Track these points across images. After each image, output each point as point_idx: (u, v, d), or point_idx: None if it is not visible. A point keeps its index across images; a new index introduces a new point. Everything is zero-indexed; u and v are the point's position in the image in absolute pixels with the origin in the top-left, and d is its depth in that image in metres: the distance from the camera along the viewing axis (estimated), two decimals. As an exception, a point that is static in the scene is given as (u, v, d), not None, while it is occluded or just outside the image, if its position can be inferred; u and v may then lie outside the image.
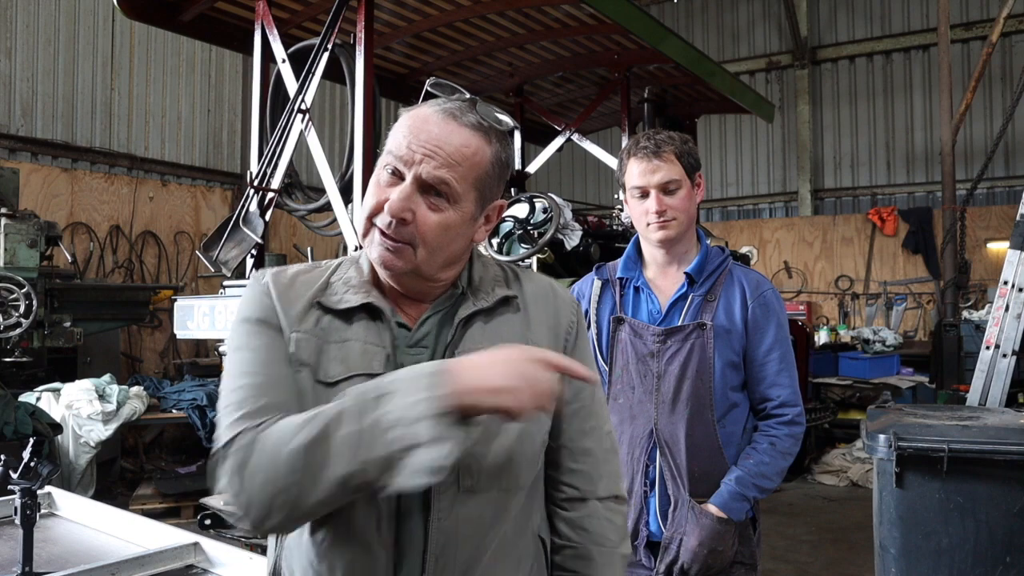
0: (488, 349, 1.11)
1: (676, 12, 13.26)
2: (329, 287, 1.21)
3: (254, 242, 4.17)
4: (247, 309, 1.21)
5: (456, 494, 1.14)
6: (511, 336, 1.23)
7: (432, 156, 1.13)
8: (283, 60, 4.27)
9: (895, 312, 10.91)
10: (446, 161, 1.13)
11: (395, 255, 1.14)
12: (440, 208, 1.14)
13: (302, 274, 1.24)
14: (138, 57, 8.99)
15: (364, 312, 1.18)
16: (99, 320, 6.61)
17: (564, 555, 1.29)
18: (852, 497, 6.72)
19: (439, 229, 1.15)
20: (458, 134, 1.15)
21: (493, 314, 1.24)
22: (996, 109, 10.92)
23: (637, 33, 4.69)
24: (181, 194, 9.36)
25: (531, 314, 1.27)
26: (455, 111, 1.17)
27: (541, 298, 1.30)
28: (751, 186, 12.87)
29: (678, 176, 2.02)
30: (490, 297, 1.24)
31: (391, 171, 1.15)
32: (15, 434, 4.72)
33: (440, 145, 1.13)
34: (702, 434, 1.99)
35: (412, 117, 1.18)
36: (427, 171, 1.13)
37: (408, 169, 1.14)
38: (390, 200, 1.13)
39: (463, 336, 1.20)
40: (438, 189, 1.14)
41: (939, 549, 2.61)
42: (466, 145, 1.15)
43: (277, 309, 1.18)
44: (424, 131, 1.15)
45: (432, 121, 1.15)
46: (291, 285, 1.21)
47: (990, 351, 3.50)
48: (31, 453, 1.73)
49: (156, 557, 1.77)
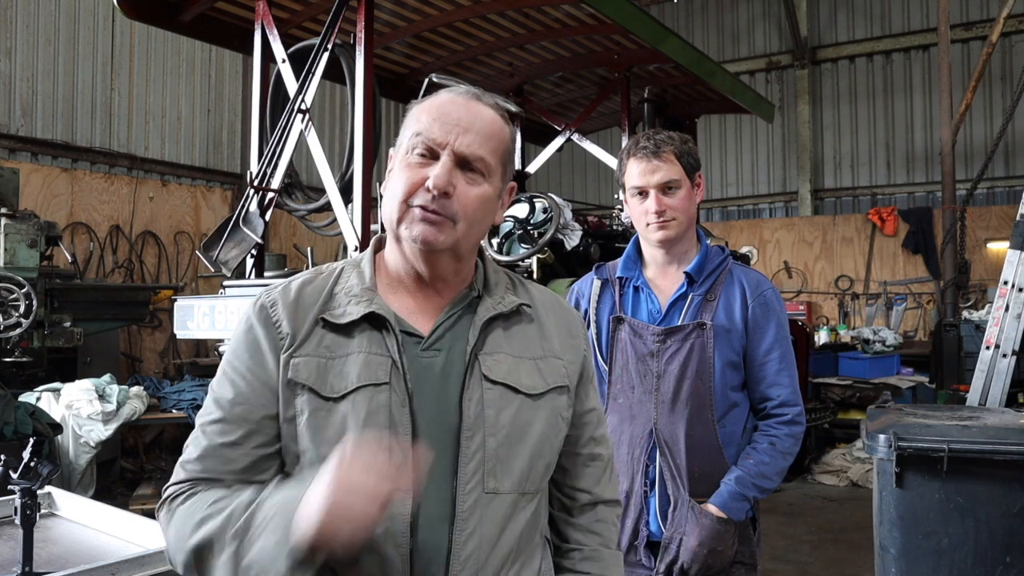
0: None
1: (676, 12, 13.25)
2: (332, 299, 1.20)
3: (254, 242, 4.17)
4: (240, 333, 1.21)
5: (480, 495, 1.14)
6: (529, 343, 1.25)
7: (467, 131, 1.17)
8: (283, 60, 4.27)
9: (895, 312, 10.91)
10: (480, 136, 1.18)
11: (438, 229, 1.15)
12: (477, 182, 1.18)
13: (307, 285, 1.23)
14: (138, 57, 8.98)
15: (366, 323, 1.17)
16: (99, 320, 6.60)
17: (574, 558, 1.31)
18: (852, 497, 6.72)
19: (479, 202, 1.18)
20: (485, 112, 1.21)
21: (510, 321, 1.25)
22: (996, 109, 10.92)
23: (637, 33, 4.69)
24: (181, 194, 9.36)
25: (544, 324, 1.29)
26: (476, 94, 1.23)
27: (551, 309, 1.32)
28: (751, 186, 12.86)
29: (678, 176, 2.02)
30: (507, 303, 1.24)
31: (421, 152, 1.17)
32: (15, 434, 4.71)
33: (473, 122, 1.18)
34: (702, 434, 1.99)
35: (432, 103, 1.21)
36: (464, 146, 1.17)
37: (442, 148, 1.16)
38: (433, 175, 1.15)
39: (486, 339, 1.21)
40: (473, 164, 1.18)
41: (939, 549, 2.61)
42: (494, 121, 1.21)
43: (282, 331, 1.18)
44: (452, 112, 1.18)
45: (457, 103, 1.20)
46: (298, 302, 1.20)
47: (990, 351, 3.50)
48: (31, 453, 1.73)
49: (156, 557, 1.77)
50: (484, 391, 1.16)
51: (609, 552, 1.33)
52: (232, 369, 1.19)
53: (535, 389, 1.21)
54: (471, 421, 1.15)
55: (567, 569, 1.30)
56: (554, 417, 1.23)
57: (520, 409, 1.18)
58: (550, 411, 1.22)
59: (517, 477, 1.17)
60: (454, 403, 1.16)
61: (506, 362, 1.20)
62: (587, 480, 1.32)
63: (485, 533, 1.14)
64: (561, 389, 1.25)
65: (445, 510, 1.13)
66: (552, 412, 1.22)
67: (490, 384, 1.17)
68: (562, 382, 1.25)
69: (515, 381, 1.19)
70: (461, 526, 1.12)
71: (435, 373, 1.17)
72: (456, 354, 1.19)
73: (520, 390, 1.19)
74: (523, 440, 1.18)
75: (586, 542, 1.31)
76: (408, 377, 1.14)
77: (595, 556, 1.31)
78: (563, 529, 1.32)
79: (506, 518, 1.17)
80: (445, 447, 1.15)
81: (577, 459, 1.32)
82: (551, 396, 1.23)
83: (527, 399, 1.19)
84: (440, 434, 1.15)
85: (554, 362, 1.25)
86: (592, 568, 1.31)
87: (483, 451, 1.15)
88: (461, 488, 1.13)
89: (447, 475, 1.14)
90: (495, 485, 1.15)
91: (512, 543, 1.18)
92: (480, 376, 1.17)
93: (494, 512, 1.15)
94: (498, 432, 1.16)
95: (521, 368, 1.21)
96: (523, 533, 1.20)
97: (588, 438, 1.32)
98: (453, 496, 1.13)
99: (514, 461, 1.17)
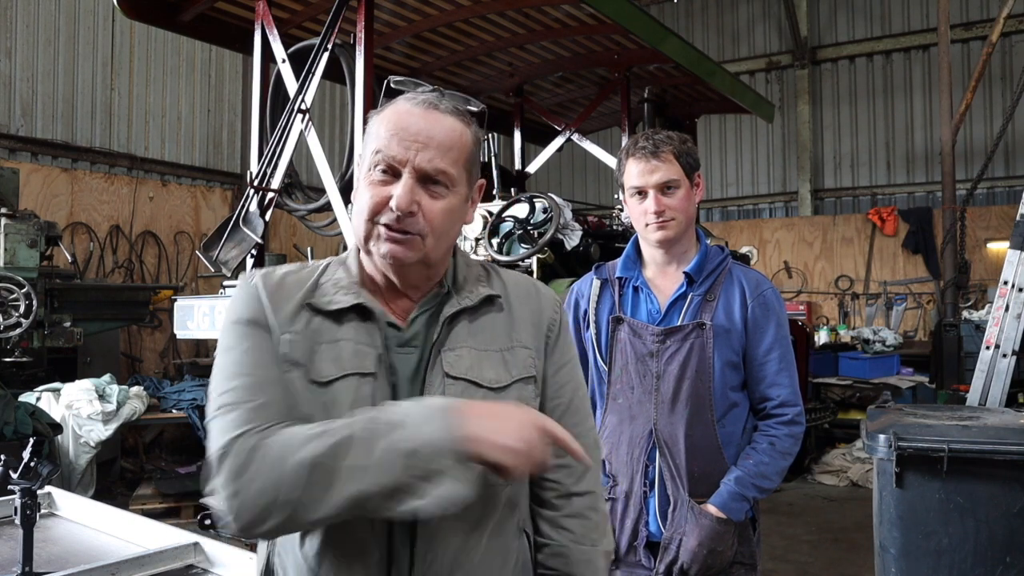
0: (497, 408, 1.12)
1: (676, 12, 13.25)
2: (319, 288, 1.22)
3: (254, 242, 4.17)
4: (236, 310, 1.20)
5: None
6: (496, 335, 1.25)
7: (426, 147, 1.16)
8: (283, 60, 4.27)
9: (895, 312, 10.91)
10: (439, 150, 1.17)
11: (406, 247, 1.16)
12: (441, 195, 1.18)
13: (291, 275, 1.25)
14: (138, 57, 8.99)
15: (355, 313, 1.19)
16: (99, 320, 6.60)
17: (545, 553, 1.30)
18: (852, 497, 6.71)
19: (444, 215, 1.18)
20: (442, 121, 1.19)
21: (478, 312, 1.25)
22: (996, 109, 10.92)
23: (637, 33, 4.69)
24: (181, 194, 9.36)
25: (515, 313, 1.29)
26: (432, 101, 1.20)
27: (524, 296, 1.31)
28: (751, 186, 12.87)
29: (677, 176, 2.01)
30: (474, 296, 1.25)
31: (383, 169, 1.17)
32: (15, 434, 4.72)
33: (431, 135, 1.17)
34: (701, 434, 1.98)
35: (390, 115, 1.19)
36: (424, 162, 1.16)
37: (403, 164, 1.15)
38: (396, 196, 1.14)
39: (448, 334, 1.22)
40: (436, 178, 1.17)
41: (939, 549, 2.61)
42: (452, 130, 1.19)
43: (267, 310, 1.18)
44: (410, 125, 1.17)
45: (415, 114, 1.18)
46: (280, 285, 1.22)
47: (990, 351, 3.50)
48: (31, 453, 1.73)
49: (156, 557, 1.77)
50: (446, 387, 1.17)
51: (579, 548, 1.29)
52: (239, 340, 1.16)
53: (498, 382, 1.21)
54: None
55: (539, 563, 1.29)
56: None
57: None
58: (515, 403, 1.20)
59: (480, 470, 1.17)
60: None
61: (469, 356, 1.21)
62: (559, 471, 1.28)
63: (448, 525, 1.14)
64: (527, 380, 1.25)
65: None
66: (517, 404, 1.21)
67: (452, 380, 1.18)
68: (528, 372, 1.25)
69: (477, 375, 1.20)
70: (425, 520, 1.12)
71: (408, 368, 1.20)
72: (425, 351, 1.20)
73: (482, 384, 1.20)
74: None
75: (556, 537, 1.29)
76: (395, 369, 1.17)
77: (562, 552, 1.28)
78: (537, 523, 1.31)
79: (473, 510, 1.14)
80: None
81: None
82: (516, 388, 1.23)
83: (490, 392, 1.20)
84: None
85: (521, 352, 1.25)
86: (557, 564, 1.28)
87: None
88: None
89: None
90: None
91: (482, 535, 1.18)
92: (441, 372, 1.18)
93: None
94: None
95: (485, 362, 1.21)
96: (492, 526, 1.20)
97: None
98: None
99: None
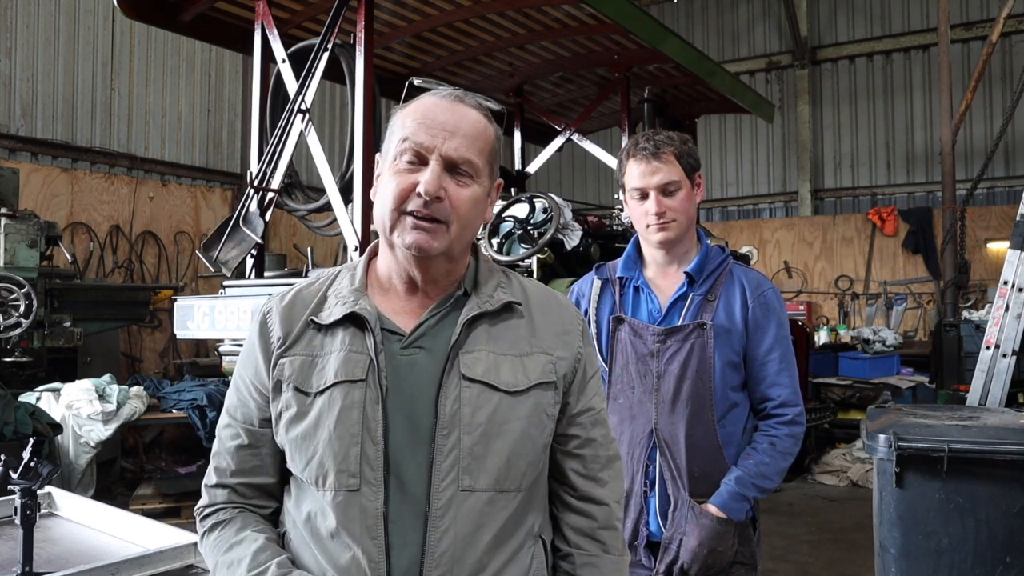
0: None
1: (676, 12, 13.25)
2: (325, 301, 1.26)
3: (254, 242, 4.17)
4: (246, 340, 1.30)
5: (455, 493, 1.15)
6: (516, 340, 1.25)
7: (453, 135, 1.19)
8: (283, 60, 4.27)
9: (895, 312, 10.91)
10: (466, 139, 1.20)
11: (431, 235, 1.18)
12: (467, 184, 1.21)
13: (304, 291, 1.30)
14: (138, 57, 8.98)
15: (349, 322, 1.22)
16: (99, 320, 6.60)
17: (573, 562, 1.30)
18: (852, 497, 6.71)
19: (470, 203, 1.21)
20: (469, 114, 1.23)
21: (498, 318, 1.25)
22: (996, 109, 10.92)
23: (637, 33, 4.69)
24: (181, 194, 9.36)
25: (536, 321, 1.28)
26: (458, 96, 1.24)
27: (545, 305, 1.32)
28: (751, 186, 12.87)
29: (677, 177, 2.01)
30: (494, 300, 1.25)
31: (409, 159, 1.19)
32: (15, 434, 4.71)
33: (458, 125, 1.20)
34: (702, 434, 1.98)
35: (416, 108, 1.23)
36: (451, 150, 1.18)
37: (430, 153, 1.18)
38: (424, 180, 1.17)
39: (467, 337, 1.22)
40: (462, 167, 1.19)
41: (939, 549, 2.61)
42: (478, 122, 1.24)
43: (272, 340, 1.25)
44: (437, 116, 1.20)
45: (441, 107, 1.22)
46: (292, 306, 1.28)
47: (990, 351, 3.50)
48: (31, 453, 1.73)
49: (156, 557, 1.77)
50: (462, 389, 1.18)
51: (610, 559, 1.31)
52: (237, 376, 1.30)
53: (516, 386, 1.21)
54: (446, 419, 1.16)
55: (566, 572, 1.30)
56: (537, 414, 1.22)
57: (499, 407, 1.19)
58: (532, 408, 1.22)
59: (494, 475, 1.18)
60: (431, 401, 1.18)
61: (486, 359, 1.21)
62: (582, 481, 1.31)
63: (460, 531, 1.15)
64: (547, 385, 1.24)
65: (420, 506, 1.15)
66: (535, 409, 1.22)
67: (468, 382, 1.18)
68: (548, 378, 1.25)
69: (494, 378, 1.20)
70: (435, 523, 1.14)
71: (414, 371, 1.20)
72: (438, 352, 1.21)
73: (499, 387, 1.20)
74: (500, 437, 1.18)
75: (585, 546, 1.30)
76: (384, 375, 1.17)
77: (594, 562, 1.30)
78: (564, 531, 1.31)
79: (482, 515, 1.17)
80: (421, 444, 1.17)
81: (572, 460, 1.31)
82: (534, 393, 1.23)
83: (506, 396, 1.20)
84: (416, 431, 1.17)
85: (541, 358, 1.25)
86: (590, 574, 1.29)
87: (458, 449, 1.16)
88: (436, 485, 1.15)
89: (423, 472, 1.16)
90: (470, 483, 1.16)
91: (490, 540, 1.18)
92: (458, 374, 1.19)
93: (469, 509, 1.16)
94: (474, 430, 1.17)
95: (502, 365, 1.21)
96: (503, 530, 1.19)
97: (584, 439, 1.31)
98: (428, 493, 1.15)
99: (490, 459, 1.17)
